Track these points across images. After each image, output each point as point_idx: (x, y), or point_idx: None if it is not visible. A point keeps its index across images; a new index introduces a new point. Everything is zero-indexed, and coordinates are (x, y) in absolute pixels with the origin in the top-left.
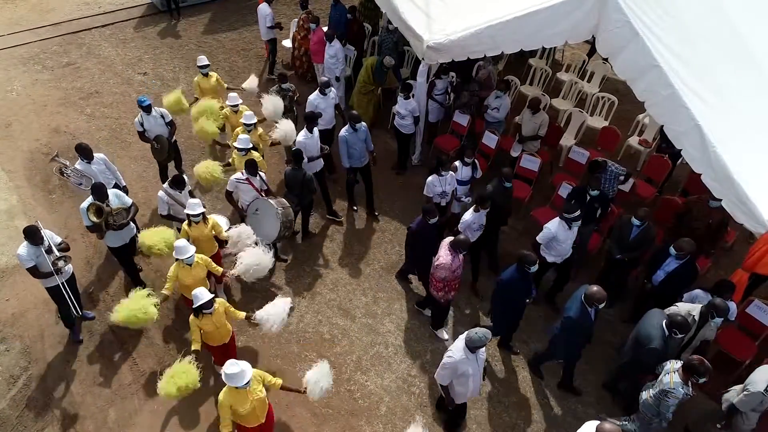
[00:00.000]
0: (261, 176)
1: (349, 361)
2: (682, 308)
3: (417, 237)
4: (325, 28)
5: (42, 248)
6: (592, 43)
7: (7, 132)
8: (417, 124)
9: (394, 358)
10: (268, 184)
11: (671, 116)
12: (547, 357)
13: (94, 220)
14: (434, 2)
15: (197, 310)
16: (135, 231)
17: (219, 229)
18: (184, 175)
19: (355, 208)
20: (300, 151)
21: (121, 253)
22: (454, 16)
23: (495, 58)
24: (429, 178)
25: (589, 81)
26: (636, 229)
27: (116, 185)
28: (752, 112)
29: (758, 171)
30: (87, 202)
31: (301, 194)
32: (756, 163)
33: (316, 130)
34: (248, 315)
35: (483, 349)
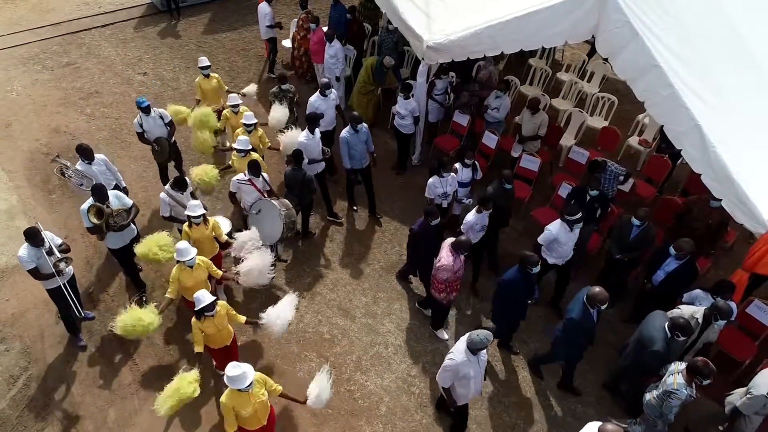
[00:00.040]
0: (264, 177)
1: (349, 361)
2: (685, 311)
3: (419, 238)
4: (324, 28)
5: (43, 250)
6: (592, 43)
7: (7, 132)
8: (417, 124)
9: (394, 358)
10: (270, 185)
11: (671, 116)
12: (548, 359)
13: (95, 221)
14: (434, 2)
15: (199, 312)
16: (136, 232)
17: (219, 230)
18: (185, 177)
19: (355, 208)
20: (300, 151)
21: (121, 255)
22: (454, 16)
23: (496, 58)
24: (430, 180)
25: (589, 81)
26: (636, 229)
27: (116, 186)
28: (752, 112)
29: (758, 171)
30: (87, 203)
31: (301, 194)
32: (756, 163)
33: (317, 131)
34: (249, 320)
35: (484, 351)
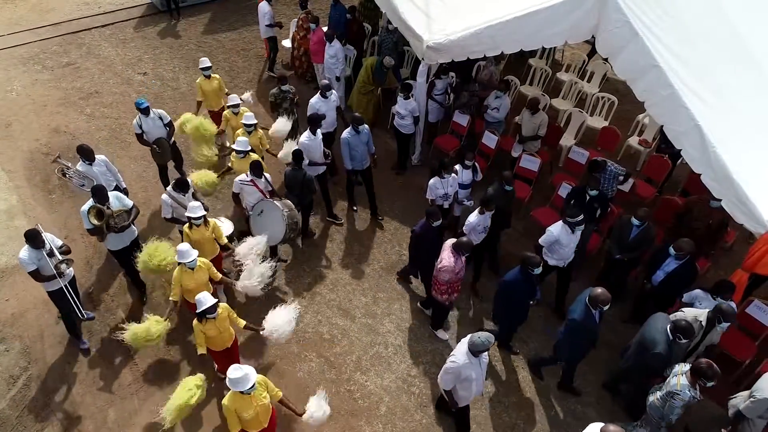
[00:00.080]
0: (266, 177)
1: (348, 361)
2: (688, 314)
3: (420, 240)
4: (324, 28)
5: (43, 252)
6: (592, 43)
7: (7, 132)
8: (417, 124)
9: (394, 358)
10: (273, 186)
11: (671, 116)
12: (550, 361)
13: (95, 223)
14: (434, 2)
15: (201, 314)
16: (136, 233)
17: (219, 232)
18: (187, 178)
19: (355, 208)
20: (300, 152)
21: (121, 256)
22: (454, 16)
23: (496, 58)
24: (431, 181)
25: (589, 81)
26: (636, 229)
27: (117, 187)
28: (752, 112)
29: (758, 171)
30: (87, 205)
31: (301, 194)
32: (756, 163)
33: (319, 132)
34: (248, 326)
35: (486, 353)
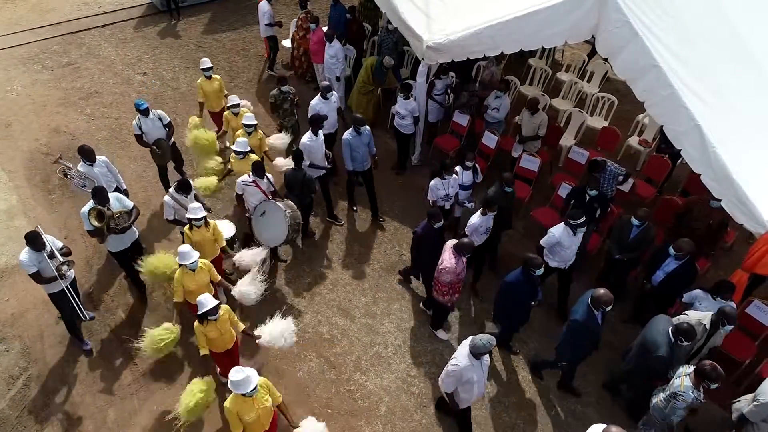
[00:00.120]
0: (268, 178)
1: (348, 361)
2: (692, 317)
3: (422, 241)
4: (324, 28)
5: (44, 253)
6: (592, 43)
7: (7, 132)
8: (417, 124)
9: (394, 358)
10: (275, 186)
11: (671, 116)
12: (551, 364)
13: (96, 224)
14: (434, 2)
15: (202, 316)
16: (136, 235)
17: (219, 233)
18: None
19: (355, 208)
20: (300, 152)
21: (122, 257)
22: (454, 16)
23: (497, 58)
24: (432, 182)
25: (589, 81)
26: (636, 230)
27: (117, 188)
28: (752, 112)
29: (758, 171)
30: (88, 206)
31: (301, 194)
32: (756, 163)
33: (320, 133)
34: (246, 332)
35: (487, 355)
